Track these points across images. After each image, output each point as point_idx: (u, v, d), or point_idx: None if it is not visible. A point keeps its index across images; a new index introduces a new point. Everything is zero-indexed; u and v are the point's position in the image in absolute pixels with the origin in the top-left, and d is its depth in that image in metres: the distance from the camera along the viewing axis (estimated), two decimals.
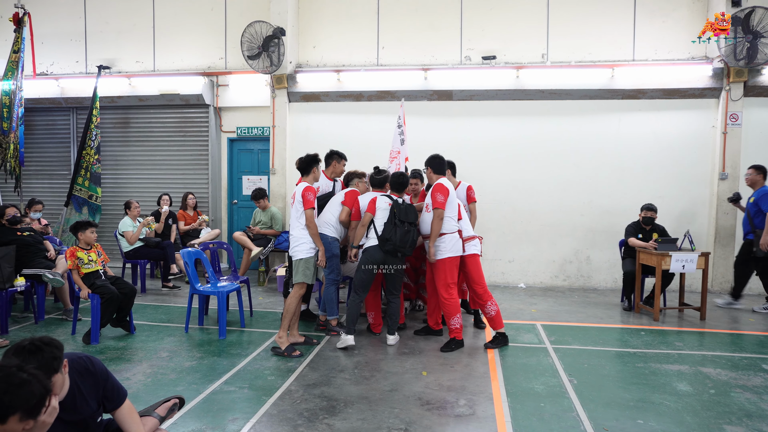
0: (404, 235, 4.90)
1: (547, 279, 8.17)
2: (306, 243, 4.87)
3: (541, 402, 3.80)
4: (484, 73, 8.09)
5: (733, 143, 7.60)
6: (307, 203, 4.81)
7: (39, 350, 1.98)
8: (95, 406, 2.32)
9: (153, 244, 7.57)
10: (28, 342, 2.00)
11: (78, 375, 2.28)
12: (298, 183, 5.14)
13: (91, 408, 2.30)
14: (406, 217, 4.94)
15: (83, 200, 8.65)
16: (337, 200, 5.38)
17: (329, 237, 5.24)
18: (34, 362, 1.93)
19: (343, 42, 8.61)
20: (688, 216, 7.79)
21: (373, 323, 5.49)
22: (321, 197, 5.49)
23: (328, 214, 5.34)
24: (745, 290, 6.82)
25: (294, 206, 4.93)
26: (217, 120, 9.11)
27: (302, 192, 4.85)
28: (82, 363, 2.32)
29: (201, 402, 3.74)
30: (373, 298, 5.44)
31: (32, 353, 1.96)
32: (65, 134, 9.58)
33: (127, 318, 5.39)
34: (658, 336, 5.53)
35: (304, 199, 4.82)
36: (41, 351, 1.98)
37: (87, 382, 2.30)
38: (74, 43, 9.34)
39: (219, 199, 9.25)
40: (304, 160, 5.12)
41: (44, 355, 1.98)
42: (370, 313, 5.49)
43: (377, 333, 5.44)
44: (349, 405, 3.70)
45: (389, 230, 4.92)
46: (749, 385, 4.15)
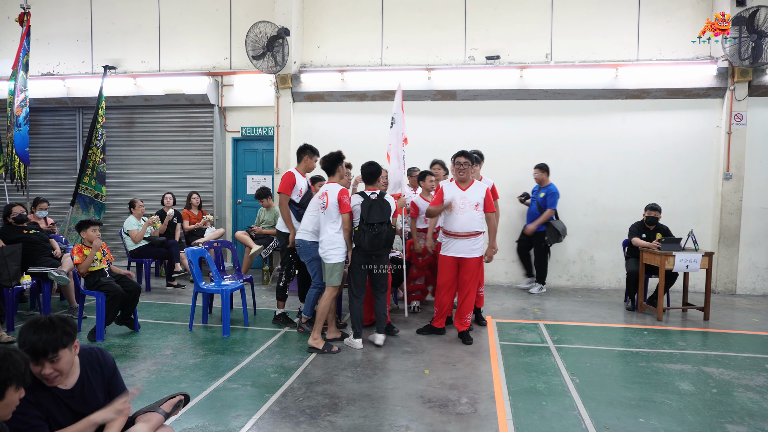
0: (373, 239, 4.74)
1: (550, 279, 8.15)
2: (341, 247, 4.86)
3: (543, 400, 3.81)
4: (487, 73, 8.10)
5: (738, 143, 7.57)
6: (343, 207, 4.79)
7: (53, 325, 2.11)
8: (102, 398, 2.37)
9: (158, 243, 7.61)
10: (44, 317, 2.13)
11: (88, 365, 2.35)
12: (328, 183, 5.06)
13: (98, 400, 2.35)
14: (373, 218, 4.76)
15: (90, 199, 8.70)
16: (315, 205, 5.11)
17: (308, 241, 5.10)
18: (47, 335, 2.07)
19: (347, 42, 8.63)
20: (693, 216, 7.78)
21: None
22: (303, 198, 5.48)
23: (305, 219, 5.17)
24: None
25: (327, 209, 4.85)
26: (222, 120, 9.16)
27: (338, 196, 4.81)
28: (94, 354, 2.39)
29: (204, 399, 3.77)
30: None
31: (45, 327, 2.10)
32: (71, 134, 9.64)
33: (132, 316, 5.43)
34: (661, 336, 5.53)
35: (340, 203, 4.80)
36: (54, 326, 2.11)
37: (96, 373, 2.36)
38: (80, 43, 9.40)
39: (223, 198, 9.29)
40: (329, 160, 5.03)
41: (56, 330, 2.10)
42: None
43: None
44: (352, 402, 3.73)
45: (358, 235, 4.82)
46: (752, 384, 4.15)
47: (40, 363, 2.11)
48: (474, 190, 5.21)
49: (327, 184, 5.02)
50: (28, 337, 2.09)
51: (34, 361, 2.09)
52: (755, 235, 7.74)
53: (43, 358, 2.10)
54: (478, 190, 5.21)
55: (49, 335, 2.09)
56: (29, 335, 2.09)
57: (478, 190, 5.21)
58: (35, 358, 2.09)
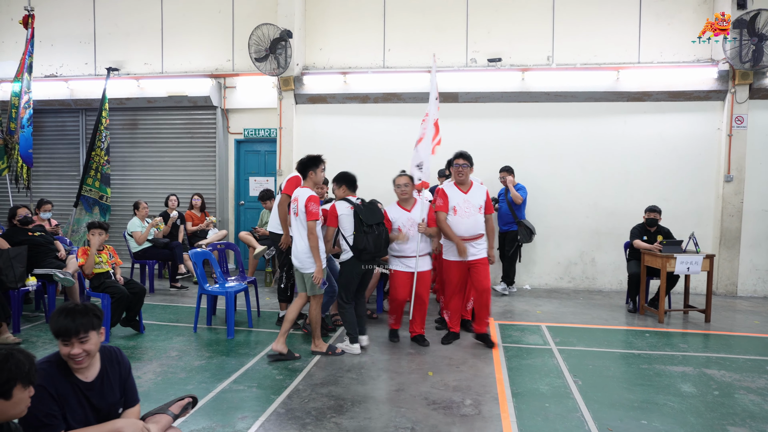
0: (377, 240, 4.73)
1: (552, 281, 8.20)
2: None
3: (546, 402, 3.84)
4: (489, 75, 8.13)
5: (739, 145, 7.61)
6: (309, 215, 4.51)
7: (85, 309, 2.28)
8: (119, 395, 2.46)
9: (161, 244, 7.65)
10: (74, 303, 2.30)
11: (108, 362, 2.44)
12: (301, 187, 4.80)
13: (115, 396, 2.43)
14: (372, 219, 4.76)
15: (93, 200, 8.74)
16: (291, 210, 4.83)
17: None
18: (80, 319, 2.23)
19: (350, 44, 8.67)
20: (694, 218, 7.81)
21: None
22: None
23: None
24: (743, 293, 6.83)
25: (299, 216, 4.63)
26: (225, 121, 9.19)
27: (305, 202, 4.54)
28: (113, 352, 2.50)
29: (211, 400, 3.80)
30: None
31: (78, 311, 2.25)
32: (74, 136, 9.68)
33: (137, 318, 5.46)
34: (663, 338, 5.56)
35: (307, 210, 4.52)
36: (86, 310, 2.28)
37: (114, 370, 2.45)
38: (83, 45, 9.44)
39: (226, 200, 9.33)
40: (301, 162, 4.81)
41: (88, 314, 2.26)
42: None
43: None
44: (357, 404, 3.76)
45: (361, 240, 4.72)
46: (753, 386, 4.18)
47: (71, 343, 2.22)
48: (475, 192, 5.16)
49: (299, 189, 4.76)
50: (61, 319, 2.22)
51: (65, 341, 2.22)
52: (756, 237, 7.77)
53: (75, 338, 2.22)
54: (480, 193, 5.18)
55: (82, 318, 2.24)
56: (61, 318, 2.22)
57: (479, 193, 5.17)
58: (67, 337, 2.21)
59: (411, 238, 5.04)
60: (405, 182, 5.13)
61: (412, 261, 5.07)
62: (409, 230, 5.05)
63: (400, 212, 5.13)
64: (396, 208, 5.17)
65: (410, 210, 5.12)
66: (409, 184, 5.13)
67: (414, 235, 5.04)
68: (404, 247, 5.06)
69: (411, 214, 5.10)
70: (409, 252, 5.07)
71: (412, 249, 5.06)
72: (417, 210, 5.10)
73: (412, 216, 5.09)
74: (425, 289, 5.15)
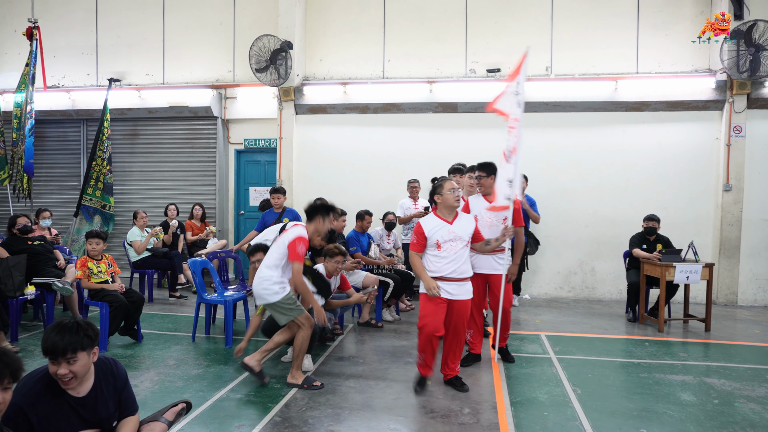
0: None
1: (551, 290, 8.19)
2: (278, 284, 4.13)
3: (545, 411, 3.82)
4: (488, 85, 8.18)
5: (737, 155, 7.63)
6: (292, 254, 4.07)
7: (77, 327, 2.21)
8: (113, 408, 2.40)
9: (161, 254, 7.65)
10: (70, 320, 2.24)
11: (102, 375, 2.38)
12: (295, 225, 4.34)
13: (109, 410, 2.38)
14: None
15: (94, 209, 8.77)
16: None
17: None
18: (69, 336, 2.16)
19: (350, 55, 8.74)
20: (693, 227, 7.81)
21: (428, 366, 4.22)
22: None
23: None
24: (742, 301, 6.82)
25: (278, 242, 4.25)
26: (225, 132, 9.24)
27: (294, 239, 4.08)
28: (108, 364, 2.44)
29: (208, 409, 3.78)
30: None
31: (69, 328, 2.19)
32: (75, 146, 9.73)
33: (135, 327, 5.45)
34: (663, 347, 5.54)
35: (291, 249, 4.07)
36: (78, 328, 2.21)
37: (109, 383, 2.40)
38: (86, 56, 9.52)
39: (226, 209, 9.35)
40: (311, 206, 4.33)
41: (79, 333, 2.19)
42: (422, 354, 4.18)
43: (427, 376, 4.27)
44: (354, 413, 3.74)
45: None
46: (753, 395, 4.16)
47: (58, 362, 2.17)
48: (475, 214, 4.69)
49: (298, 224, 4.32)
50: (51, 336, 2.17)
51: (53, 360, 2.17)
52: (755, 246, 7.77)
53: (62, 358, 2.16)
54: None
55: (71, 336, 2.17)
56: (52, 335, 2.17)
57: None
58: (54, 356, 2.16)
59: (455, 255, 4.03)
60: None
61: (452, 286, 4.04)
62: (452, 245, 4.03)
63: (439, 224, 4.09)
64: (433, 219, 4.15)
65: (452, 222, 4.11)
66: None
67: (457, 252, 4.03)
68: (442, 267, 4.04)
69: (453, 226, 4.08)
70: (449, 273, 4.03)
71: (452, 269, 4.03)
72: (461, 223, 4.13)
73: (454, 229, 4.06)
74: (462, 321, 4.17)
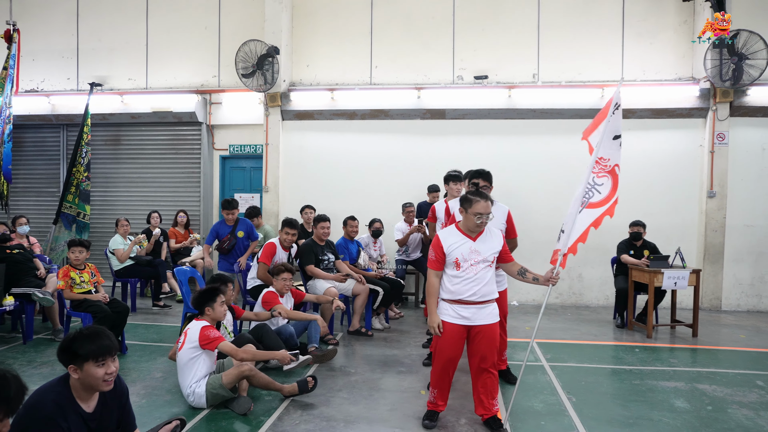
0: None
1: (539, 296, 8.20)
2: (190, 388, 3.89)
3: (542, 420, 3.79)
4: (476, 92, 8.20)
5: (721, 162, 7.74)
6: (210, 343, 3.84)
7: (105, 333, 2.34)
8: (115, 424, 2.38)
9: (144, 262, 7.49)
10: (93, 328, 2.36)
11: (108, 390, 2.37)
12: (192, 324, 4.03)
13: (112, 424, 2.37)
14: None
15: (73, 218, 8.55)
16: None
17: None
18: (112, 339, 2.34)
19: (337, 61, 8.68)
20: (678, 233, 7.89)
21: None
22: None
23: None
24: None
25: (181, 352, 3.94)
26: (210, 138, 9.11)
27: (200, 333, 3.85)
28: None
29: (199, 423, 3.67)
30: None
31: (106, 333, 2.34)
32: (55, 151, 9.50)
33: (120, 338, 5.30)
34: (653, 353, 5.56)
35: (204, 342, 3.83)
36: (105, 334, 2.33)
37: (115, 397, 2.38)
38: (66, 60, 9.32)
39: (210, 217, 9.19)
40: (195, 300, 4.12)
41: (110, 337, 2.34)
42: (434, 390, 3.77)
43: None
44: (349, 425, 3.66)
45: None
46: (745, 401, 4.18)
47: (106, 362, 2.28)
48: (495, 212, 4.23)
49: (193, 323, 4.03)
50: (95, 341, 2.26)
51: (101, 362, 2.25)
52: (739, 251, 7.88)
53: (109, 356, 2.29)
54: (500, 213, 4.49)
55: (111, 338, 2.34)
56: (96, 340, 2.27)
57: (499, 214, 4.47)
58: (104, 357, 2.26)
59: (475, 276, 3.55)
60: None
61: (470, 310, 3.56)
62: (473, 266, 3.55)
63: (461, 239, 3.60)
64: (454, 233, 3.66)
65: (475, 239, 3.61)
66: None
67: (478, 273, 3.55)
68: (461, 289, 3.55)
69: (476, 244, 3.59)
70: (468, 296, 3.55)
71: (473, 291, 3.55)
72: (487, 240, 3.64)
73: (477, 247, 3.58)
74: (490, 349, 3.60)
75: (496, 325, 3.66)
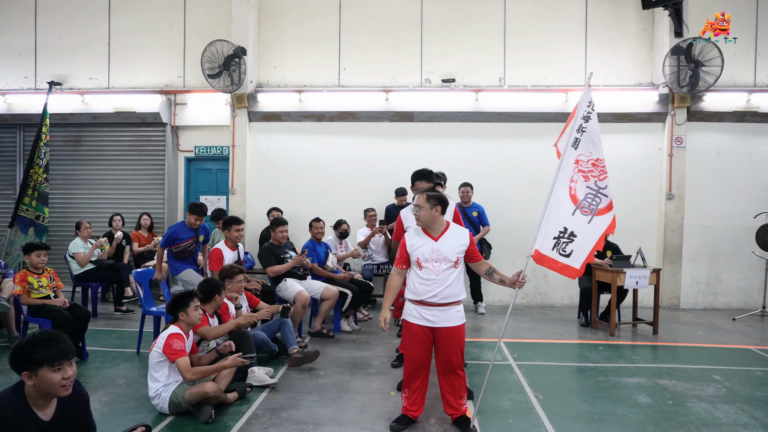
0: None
1: (506, 297, 8.31)
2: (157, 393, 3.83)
3: (510, 418, 3.84)
4: (444, 95, 8.28)
5: (679, 165, 8.01)
6: (172, 354, 3.75)
7: (60, 337, 2.27)
8: (76, 431, 2.26)
9: (106, 266, 7.28)
10: (47, 333, 2.27)
11: (67, 397, 2.29)
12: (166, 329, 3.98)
13: (73, 431, 2.29)
14: None
15: (30, 221, 8.24)
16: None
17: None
18: (68, 343, 2.26)
19: (305, 62, 8.64)
20: (639, 234, 8.12)
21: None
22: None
23: None
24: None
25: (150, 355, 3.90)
26: (174, 139, 8.93)
27: (166, 341, 3.78)
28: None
29: (164, 429, 3.58)
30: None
31: (61, 338, 2.27)
32: (11, 152, 9.15)
33: (80, 344, 5.13)
34: (616, 350, 5.71)
35: (168, 352, 3.75)
36: (60, 338, 2.27)
37: (74, 403, 2.30)
38: (23, 58, 9.00)
39: (175, 219, 8.99)
40: (169, 306, 4.03)
41: (66, 341, 2.27)
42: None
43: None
44: (319, 427, 3.64)
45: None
46: (704, 395, 4.33)
47: (62, 367, 2.22)
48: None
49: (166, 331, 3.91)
50: (50, 346, 2.19)
51: (57, 367, 2.19)
52: (696, 251, 8.16)
53: (66, 361, 2.23)
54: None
55: (66, 342, 2.27)
56: (51, 345, 2.21)
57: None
58: (61, 361, 2.20)
59: (437, 277, 3.51)
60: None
61: (433, 312, 3.54)
62: (434, 265, 3.51)
63: (422, 240, 3.59)
64: (419, 233, 3.64)
65: (437, 238, 3.58)
66: (424, 205, 3.58)
67: (440, 274, 3.51)
68: (423, 289, 3.53)
69: (437, 244, 3.55)
70: (430, 297, 3.52)
71: (434, 293, 3.51)
72: (450, 240, 3.59)
73: (438, 247, 3.54)
74: (455, 350, 3.59)
75: (462, 327, 3.62)
